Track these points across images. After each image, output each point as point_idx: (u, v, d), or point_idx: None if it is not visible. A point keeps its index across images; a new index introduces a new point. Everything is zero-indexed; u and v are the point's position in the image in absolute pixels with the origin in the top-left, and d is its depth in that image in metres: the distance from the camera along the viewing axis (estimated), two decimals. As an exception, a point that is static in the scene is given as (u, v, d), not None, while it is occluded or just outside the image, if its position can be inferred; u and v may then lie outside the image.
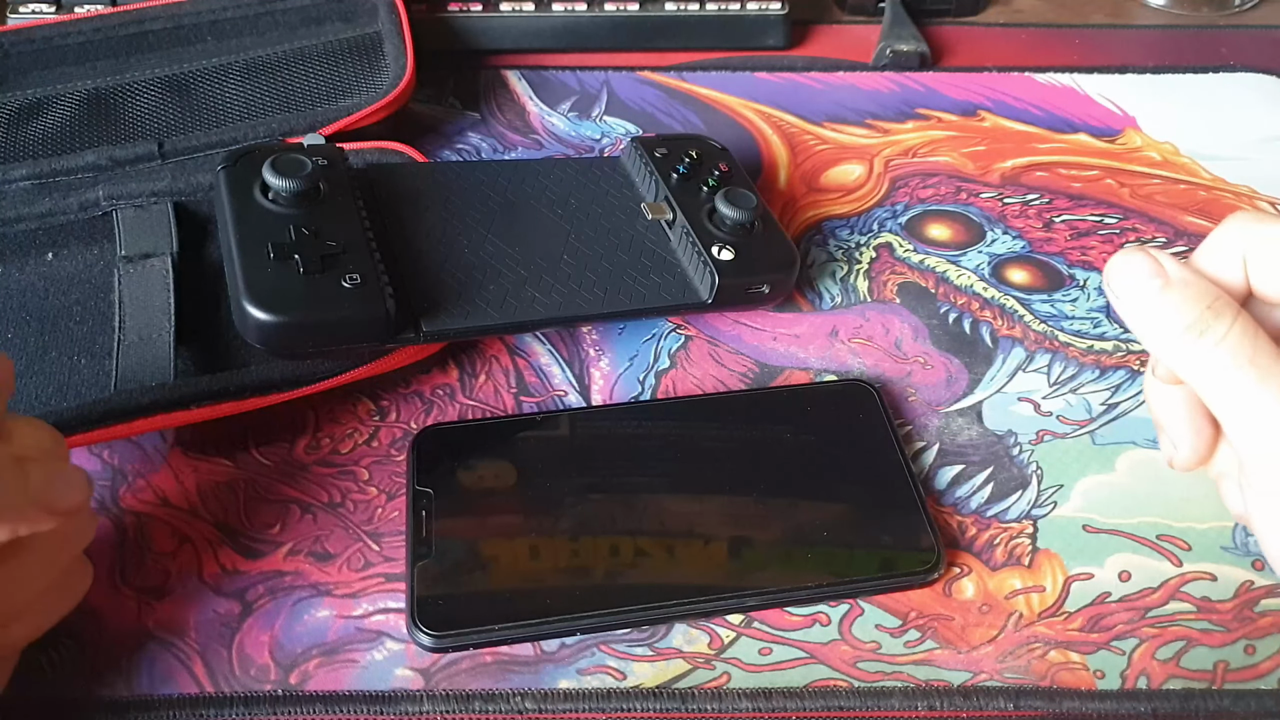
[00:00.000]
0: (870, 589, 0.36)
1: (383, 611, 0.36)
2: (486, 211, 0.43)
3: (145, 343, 0.40)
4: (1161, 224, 0.50)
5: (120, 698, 0.34)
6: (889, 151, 0.53)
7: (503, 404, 0.42)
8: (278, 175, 0.38)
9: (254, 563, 0.37)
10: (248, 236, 0.37)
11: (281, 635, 0.35)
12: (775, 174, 0.52)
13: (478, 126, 0.54)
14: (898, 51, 0.57)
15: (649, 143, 0.47)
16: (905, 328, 0.45)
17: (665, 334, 0.44)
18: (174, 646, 0.35)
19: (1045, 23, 0.62)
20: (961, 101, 0.56)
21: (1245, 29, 0.62)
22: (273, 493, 0.39)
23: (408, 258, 0.40)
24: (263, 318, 0.35)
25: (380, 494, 0.39)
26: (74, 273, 0.44)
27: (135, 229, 0.44)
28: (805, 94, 0.56)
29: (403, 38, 0.51)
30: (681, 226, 0.43)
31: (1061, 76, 0.57)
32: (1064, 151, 0.53)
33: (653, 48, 0.58)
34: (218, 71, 0.51)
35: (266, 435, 0.40)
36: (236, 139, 0.47)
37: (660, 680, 0.35)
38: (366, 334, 0.37)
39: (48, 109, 0.49)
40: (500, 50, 0.57)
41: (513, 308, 0.40)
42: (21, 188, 0.46)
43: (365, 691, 0.34)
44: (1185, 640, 0.36)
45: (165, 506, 0.38)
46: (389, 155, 0.47)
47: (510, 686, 0.34)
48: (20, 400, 0.40)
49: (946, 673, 0.35)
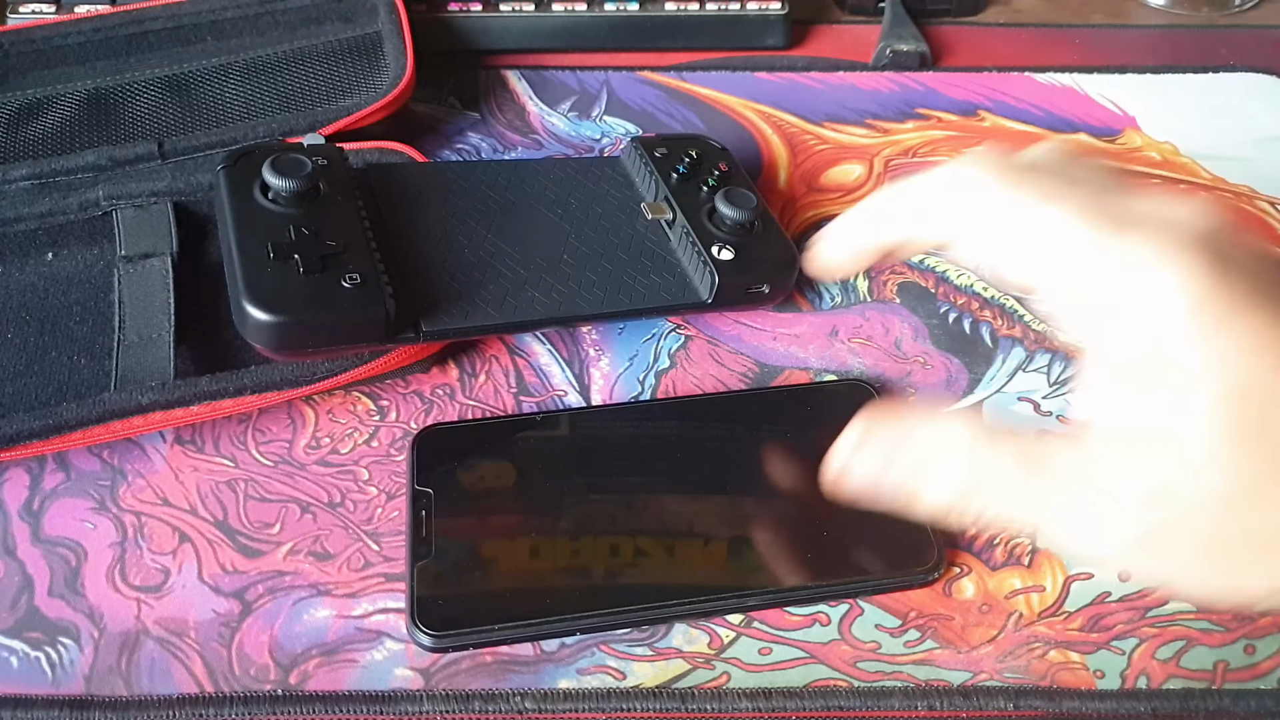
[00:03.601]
0: (870, 589, 0.36)
1: (382, 611, 0.36)
2: (486, 211, 0.43)
3: (145, 342, 0.40)
4: (1161, 224, 0.49)
5: (120, 697, 0.34)
6: (889, 151, 0.53)
7: (502, 404, 0.42)
8: (277, 175, 0.38)
9: (253, 562, 0.37)
10: (247, 236, 0.37)
11: (281, 635, 0.35)
12: (775, 174, 0.52)
13: (478, 126, 0.54)
14: (898, 51, 0.57)
15: (649, 142, 0.47)
16: (905, 328, 0.45)
17: (665, 334, 0.44)
18: (173, 646, 0.35)
19: (1045, 23, 0.62)
20: (961, 101, 0.56)
21: (1245, 29, 0.62)
22: (272, 492, 0.39)
23: (407, 258, 0.40)
24: (262, 317, 0.35)
25: (380, 494, 0.39)
26: (74, 272, 0.44)
27: (135, 229, 0.44)
28: (805, 94, 0.56)
29: (403, 38, 0.51)
30: (681, 226, 0.43)
31: (1062, 76, 0.57)
32: (1064, 151, 0.53)
33: (653, 48, 0.58)
34: (218, 71, 0.51)
35: (266, 435, 0.40)
36: (236, 139, 0.47)
37: (660, 680, 0.35)
38: (366, 334, 0.37)
39: (48, 109, 0.49)
40: (500, 50, 0.57)
41: (512, 307, 0.40)
42: (21, 188, 0.46)
43: (365, 691, 0.34)
44: (1185, 640, 0.36)
45: (165, 506, 0.38)
46: (389, 155, 0.47)
47: (510, 686, 0.34)
48: (21, 400, 0.40)
49: (946, 672, 0.35)
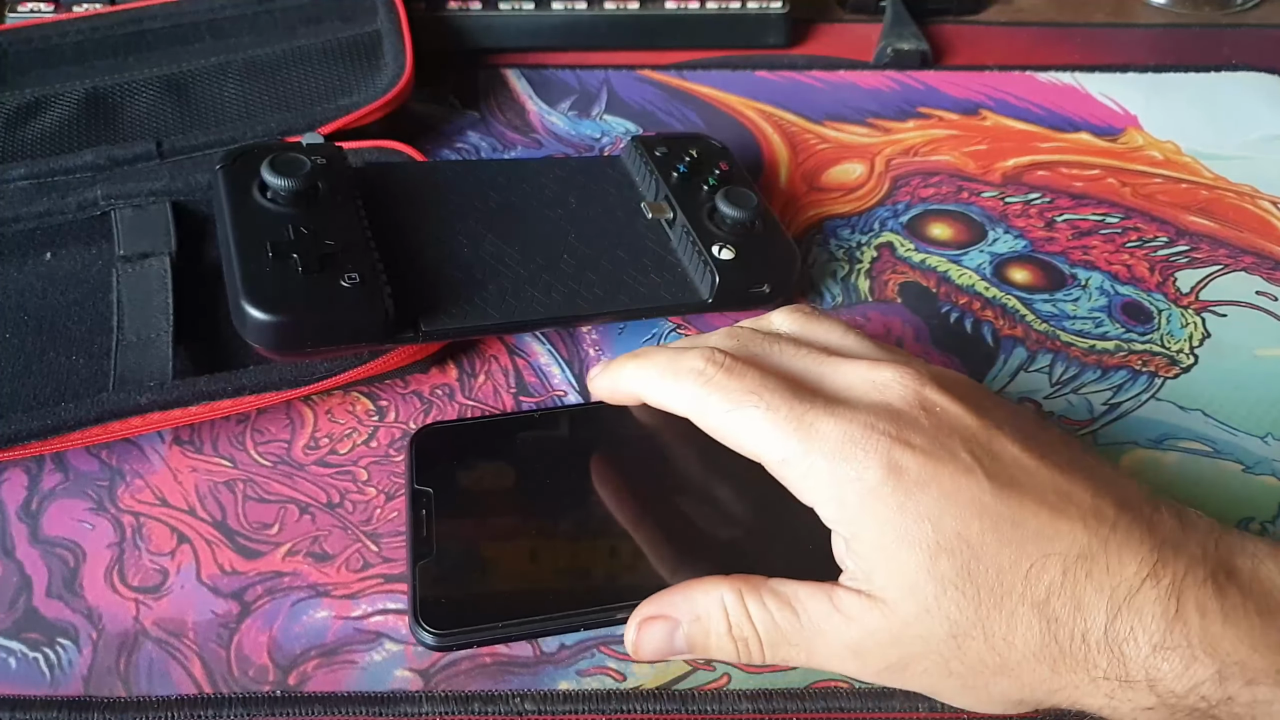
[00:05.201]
0: None
1: (381, 612, 0.36)
2: (486, 211, 0.43)
3: (144, 342, 0.40)
4: (1163, 223, 0.49)
5: (118, 698, 0.34)
6: (890, 150, 0.53)
7: (502, 404, 0.42)
8: (276, 174, 0.38)
9: (252, 563, 0.37)
10: (246, 236, 0.37)
11: (280, 636, 0.35)
12: (776, 173, 0.52)
13: (477, 126, 0.53)
14: (899, 50, 0.57)
15: (649, 142, 0.47)
16: (906, 327, 0.45)
17: (665, 334, 0.44)
18: (172, 647, 0.35)
19: (1047, 21, 0.62)
20: (963, 100, 0.56)
21: (1247, 28, 0.61)
22: (271, 493, 0.39)
23: (407, 257, 0.40)
24: (261, 317, 0.35)
25: (379, 494, 0.39)
26: (72, 272, 0.44)
27: (133, 229, 0.44)
28: (806, 93, 0.56)
29: (402, 36, 0.51)
30: (682, 226, 0.43)
31: (1063, 75, 0.57)
32: (1065, 150, 0.53)
33: (653, 46, 0.58)
34: (216, 71, 0.51)
35: (265, 435, 0.40)
36: (235, 138, 0.47)
37: (660, 681, 0.35)
38: (365, 334, 0.37)
39: (46, 108, 0.49)
40: (500, 49, 0.57)
41: (512, 307, 0.40)
42: (19, 187, 0.45)
43: (364, 693, 0.34)
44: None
45: (164, 506, 0.38)
46: (388, 154, 0.47)
47: (510, 688, 0.34)
48: (19, 400, 0.40)
49: (948, 674, 0.35)
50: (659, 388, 0.34)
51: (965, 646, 0.29)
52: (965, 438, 0.30)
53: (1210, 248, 0.48)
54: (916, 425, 0.30)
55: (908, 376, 0.31)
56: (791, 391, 0.31)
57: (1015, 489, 0.29)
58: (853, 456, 0.29)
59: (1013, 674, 0.29)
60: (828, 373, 0.32)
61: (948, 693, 0.30)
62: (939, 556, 0.29)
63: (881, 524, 0.29)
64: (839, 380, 0.32)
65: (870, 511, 0.29)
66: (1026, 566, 0.28)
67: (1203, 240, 0.49)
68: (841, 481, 0.29)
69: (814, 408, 0.30)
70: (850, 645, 0.30)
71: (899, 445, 0.29)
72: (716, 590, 0.31)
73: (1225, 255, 0.48)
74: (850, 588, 0.30)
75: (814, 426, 0.30)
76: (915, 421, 0.30)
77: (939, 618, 0.29)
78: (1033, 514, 0.29)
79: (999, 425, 0.31)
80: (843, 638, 0.30)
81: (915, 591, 0.29)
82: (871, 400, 0.31)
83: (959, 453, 0.30)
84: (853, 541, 0.30)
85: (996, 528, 0.29)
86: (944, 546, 0.29)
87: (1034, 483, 0.29)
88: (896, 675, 0.30)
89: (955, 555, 0.28)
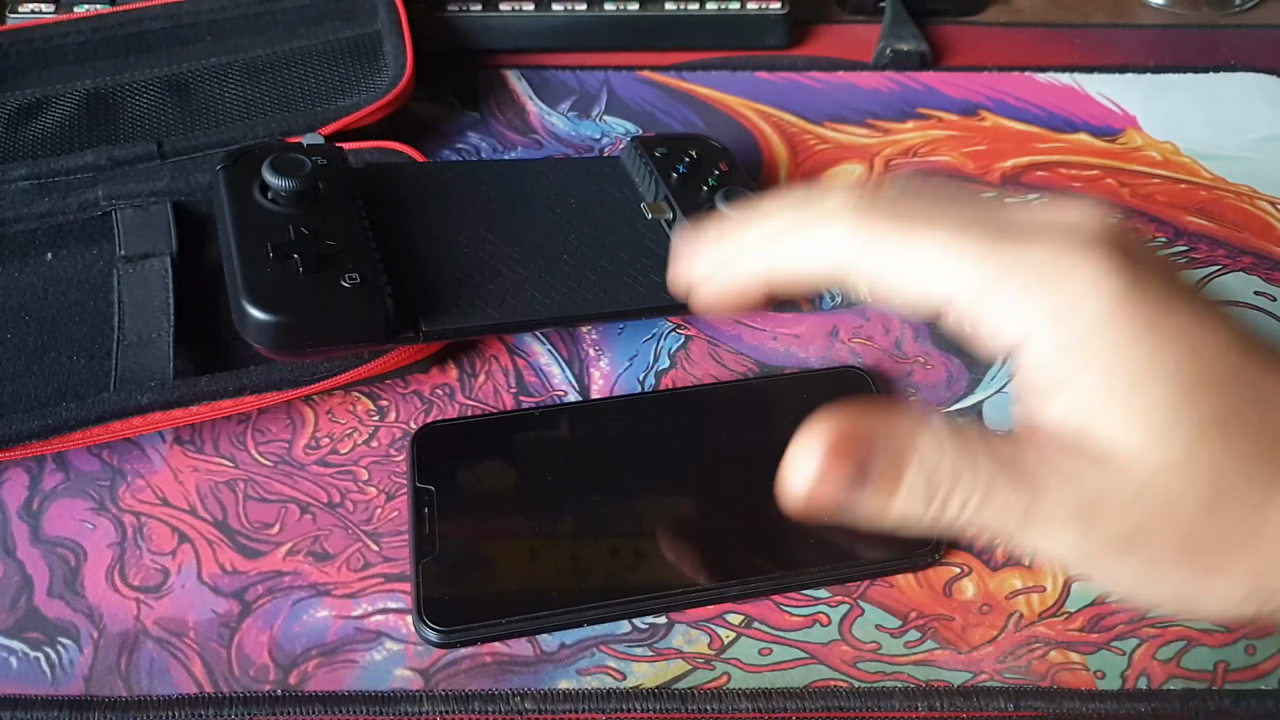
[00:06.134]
0: (872, 572, 0.36)
1: (382, 612, 0.36)
2: (486, 211, 0.43)
3: (144, 343, 0.40)
4: (1162, 224, 0.49)
5: (119, 697, 0.34)
6: (889, 151, 0.53)
7: (502, 404, 0.42)
8: (277, 175, 0.38)
9: (253, 562, 0.37)
10: (247, 236, 0.37)
11: (281, 635, 0.35)
12: (775, 174, 0.52)
13: (477, 126, 0.54)
14: (898, 51, 0.57)
15: (649, 142, 0.47)
16: (906, 327, 0.45)
17: (665, 334, 0.44)
18: (173, 646, 0.35)
19: (1046, 22, 0.62)
20: (962, 101, 0.56)
21: (1246, 28, 0.61)
22: (272, 492, 0.39)
23: (407, 257, 0.40)
24: (262, 317, 0.35)
25: (379, 494, 0.39)
26: (73, 273, 0.44)
27: (134, 229, 0.44)
28: (806, 93, 0.56)
29: (402, 37, 0.51)
30: (682, 226, 0.43)
31: (1062, 76, 0.57)
32: (1064, 151, 0.53)
33: (653, 47, 0.58)
34: (217, 71, 0.51)
35: (266, 435, 0.40)
36: (236, 139, 0.47)
37: (660, 680, 0.35)
38: (366, 334, 0.37)
39: (47, 109, 0.49)
40: (500, 50, 0.57)
41: (512, 307, 0.40)
42: (20, 188, 0.45)
43: (365, 692, 0.34)
44: (1185, 640, 0.36)
45: (164, 506, 0.38)
46: (388, 155, 0.47)
47: (510, 687, 0.34)
48: (20, 400, 0.40)
49: (947, 673, 0.35)
50: (799, 245, 0.26)
51: (1221, 511, 0.23)
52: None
53: (1209, 248, 0.48)
54: (1141, 250, 0.24)
55: (1104, 211, 0.25)
56: (974, 218, 0.25)
57: (1256, 334, 0.24)
58: (1076, 273, 0.23)
59: (1259, 552, 0.23)
60: (997, 213, 0.25)
61: (1166, 588, 0.24)
62: (1199, 390, 0.23)
63: (1118, 350, 0.23)
64: (1017, 217, 0.25)
65: (1104, 335, 0.23)
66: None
67: (1202, 240, 0.49)
68: (1067, 302, 0.23)
69: (1008, 233, 0.24)
70: (1084, 501, 0.23)
71: (1131, 261, 0.23)
72: (924, 417, 0.24)
73: (1224, 255, 0.48)
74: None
75: (1018, 248, 0.24)
76: (1137, 247, 0.24)
77: (1199, 468, 0.23)
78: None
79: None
80: (1076, 489, 0.23)
81: (1169, 434, 0.23)
82: (1073, 223, 0.24)
83: (1195, 287, 0.24)
84: (1077, 378, 0.23)
85: (1256, 364, 0.23)
86: (1205, 379, 0.23)
87: (1262, 334, 0.24)
88: (1119, 555, 0.24)
89: (1220, 391, 0.23)
